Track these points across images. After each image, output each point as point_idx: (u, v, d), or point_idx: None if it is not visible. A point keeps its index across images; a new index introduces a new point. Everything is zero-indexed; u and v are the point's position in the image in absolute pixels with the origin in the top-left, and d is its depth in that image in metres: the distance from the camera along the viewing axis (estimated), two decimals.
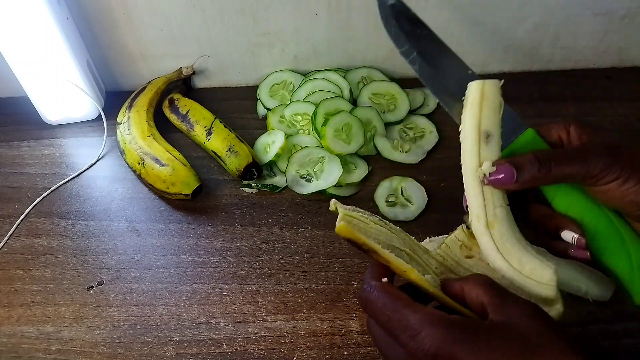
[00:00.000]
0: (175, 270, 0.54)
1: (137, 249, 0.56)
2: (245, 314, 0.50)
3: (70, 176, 0.64)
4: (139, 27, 0.68)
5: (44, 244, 0.58)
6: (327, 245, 0.56)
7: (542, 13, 0.67)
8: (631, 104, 0.68)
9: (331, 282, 0.52)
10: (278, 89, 0.71)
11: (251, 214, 0.59)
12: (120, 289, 0.53)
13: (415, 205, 0.58)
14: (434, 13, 0.66)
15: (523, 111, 0.67)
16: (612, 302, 0.43)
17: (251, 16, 0.67)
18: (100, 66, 0.72)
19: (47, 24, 0.60)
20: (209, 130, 0.64)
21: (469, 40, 0.69)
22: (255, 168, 0.61)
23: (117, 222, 0.59)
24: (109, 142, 0.68)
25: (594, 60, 0.73)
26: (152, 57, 0.72)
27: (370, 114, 0.65)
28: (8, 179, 0.65)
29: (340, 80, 0.69)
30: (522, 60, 0.72)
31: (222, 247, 0.56)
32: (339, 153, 0.61)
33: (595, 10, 0.66)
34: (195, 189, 0.59)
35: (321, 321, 0.50)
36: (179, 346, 0.48)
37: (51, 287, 0.54)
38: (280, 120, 0.67)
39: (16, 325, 0.51)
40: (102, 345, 0.49)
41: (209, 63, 0.73)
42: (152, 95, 0.68)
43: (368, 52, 0.71)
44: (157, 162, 0.60)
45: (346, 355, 0.47)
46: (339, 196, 0.60)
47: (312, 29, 0.68)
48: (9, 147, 0.69)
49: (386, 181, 0.60)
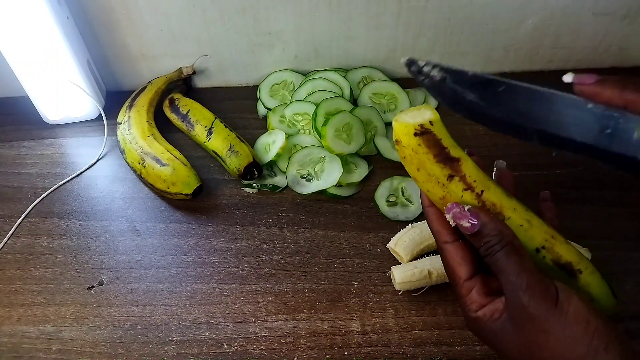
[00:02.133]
0: (175, 270, 0.54)
1: (137, 248, 0.56)
2: (246, 313, 0.51)
3: (71, 176, 0.64)
4: (140, 27, 0.68)
5: (45, 244, 0.58)
6: (327, 245, 0.56)
7: (542, 13, 0.67)
8: None
9: (332, 282, 0.52)
10: (278, 88, 0.71)
11: (252, 214, 0.59)
12: (121, 288, 0.53)
13: (415, 205, 0.58)
14: (434, 13, 0.66)
15: None
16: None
17: (251, 16, 0.67)
18: (101, 66, 0.72)
19: (48, 23, 0.60)
20: (209, 130, 0.64)
21: (469, 40, 0.69)
22: (256, 168, 0.61)
23: (118, 222, 0.59)
24: (109, 142, 0.68)
25: (594, 60, 0.73)
26: (153, 57, 0.72)
27: (370, 114, 0.65)
28: (8, 179, 0.65)
29: (341, 80, 0.69)
30: (522, 60, 0.72)
31: (223, 247, 0.56)
32: (339, 153, 0.61)
33: (595, 10, 0.66)
34: (195, 189, 0.59)
35: (322, 321, 0.50)
36: (179, 346, 0.48)
37: (52, 287, 0.54)
38: (280, 120, 0.67)
39: (17, 325, 0.51)
40: (103, 345, 0.49)
41: (210, 63, 0.73)
42: (153, 95, 0.68)
43: (368, 52, 0.71)
44: (157, 161, 0.60)
45: (347, 355, 0.47)
46: (339, 196, 0.60)
47: (313, 28, 0.68)
48: (10, 147, 0.69)
49: (387, 181, 0.60)
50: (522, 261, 0.33)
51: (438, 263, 0.49)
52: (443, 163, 0.35)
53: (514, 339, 0.33)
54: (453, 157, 0.35)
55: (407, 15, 0.66)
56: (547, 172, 0.61)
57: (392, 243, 0.53)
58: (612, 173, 0.60)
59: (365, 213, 0.58)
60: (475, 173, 0.35)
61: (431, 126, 0.34)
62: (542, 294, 0.32)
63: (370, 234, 0.56)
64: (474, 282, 0.35)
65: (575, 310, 0.31)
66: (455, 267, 0.36)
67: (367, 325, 0.49)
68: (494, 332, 0.34)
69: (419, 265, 0.49)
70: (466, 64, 0.72)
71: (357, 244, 0.55)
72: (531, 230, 0.35)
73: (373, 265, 0.53)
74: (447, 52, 0.70)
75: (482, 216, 0.34)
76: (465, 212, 0.34)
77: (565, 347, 0.31)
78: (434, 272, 0.49)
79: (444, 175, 0.35)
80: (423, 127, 0.34)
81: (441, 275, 0.49)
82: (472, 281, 0.35)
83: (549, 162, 0.62)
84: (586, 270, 0.36)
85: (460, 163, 0.35)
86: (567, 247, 0.36)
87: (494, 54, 0.71)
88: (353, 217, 0.58)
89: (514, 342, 0.33)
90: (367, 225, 0.57)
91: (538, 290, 0.32)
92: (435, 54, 0.71)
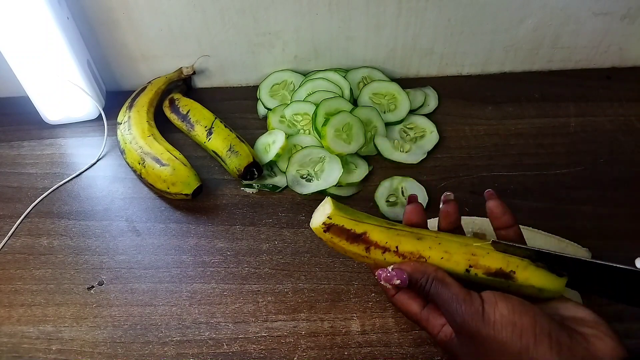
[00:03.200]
0: (175, 270, 0.54)
1: (137, 248, 0.56)
2: (246, 314, 0.50)
3: (71, 176, 0.64)
4: (140, 27, 0.68)
5: (45, 244, 0.58)
6: (327, 245, 0.55)
7: (542, 13, 0.67)
8: (631, 104, 0.68)
9: (332, 282, 0.52)
10: (278, 88, 0.71)
11: (251, 214, 0.59)
12: (121, 288, 0.53)
13: None
14: (434, 13, 0.66)
15: (523, 111, 0.68)
16: (613, 303, 0.43)
17: (252, 16, 0.67)
18: (101, 66, 0.72)
19: (48, 24, 0.60)
20: (209, 130, 0.64)
21: (469, 40, 0.69)
22: (256, 168, 0.61)
23: (118, 222, 0.59)
24: (109, 142, 0.68)
25: (594, 60, 0.73)
26: (153, 57, 0.72)
27: (370, 114, 0.65)
28: (8, 179, 0.65)
29: (341, 80, 0.69)
30: (522, 60, 0.72)
31: (223, 247, 0.56)
32: (339, 153, 0.61)
33: (595, 10, 0.66)
34: (195, 189, 0.59)
35: (322, 321, 0.50)
36: (179, 346, 0.48)
37: (52, 287, 0.54)
38: (280, 120, 0.67)
39: (17, 325, 0.51)
40: (103, 345, 0.49)
41: (210, 63, 0.73)
42: (153, 95, 0.68)
43: (368, 52, 0.71)
44: (157, 162, 0.60)
45: (347, 355, 0.47)
46: (339, 196, 0.60)
47: (313, 28, 0.68)
48: (9, 147, 0.69)
49: (386, 181, 0.60)
50: (449, 287, 0.37)
51: None
52: (355, 242, 0.41)
53: (467, 353, 0.37)
54: (359, 234, 0.41)
55: (407, 15, 0.66)
56: (547, 172, 0.61)
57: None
58: (611, 173, 0.60)
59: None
60: (383, 236, 0.41)
61: (330, 220, 0.41)
62: (469, 310, 0.35)
63: None
64: (427, 311, 0.40)
65: (500, 316, 0.34)
66: (408, 307, 0.41)
67: (367, 325, 0.49)
68: (453, 350, 0.38)
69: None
70: (466, 64, 0.73)
71: None
72: (452, 258, 0.39)
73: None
74: (447, 52, 0.71)
75: (405, 267, 0.39)
76: (392, 273, 0.39)
77: (499, 353, 0.34)
78: None
79: (361, 250, 0.41)
80: (325, 224, 0.41)
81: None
82: (425, 310, 0.40)
83: (549, 162, 0.62)
84: (519, 269, 0.38)
85: (368, 234, 0.41)
86: (490, 257, 0.39)
87: (494, 54, 0.71)
88: None
89: (469, 356, 0.37)
90: None
91: (466, 307, 0.36)
92: (435, 54, 0.71)
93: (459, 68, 0.73)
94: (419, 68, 0.73)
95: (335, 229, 0.41)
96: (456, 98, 0.71)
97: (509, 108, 0.68)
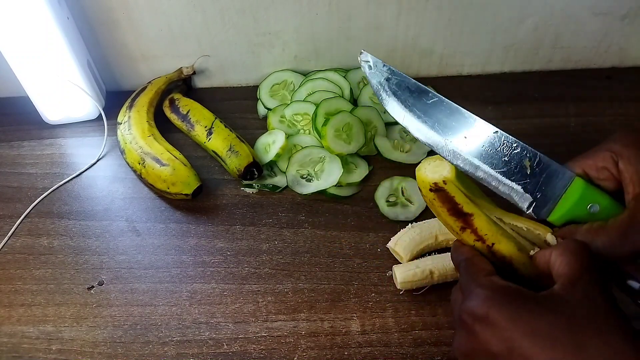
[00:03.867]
0: (175, 270, 0.54)
1: (137, 248, 0.56)
2: (246, 314, 0.51)
3: (71, 176, 0.64)
4: (140, 27, 0.68)
5: (45, 244, 0.58)
6: (327, 245, 0.56)
7: (542, 13, 0.67)
8: (631, 104, 0.68)
9: (332, 282, 0.52)
10: (278, 88, 0.71)
11: (251, 214, 0.59)
12: (121, 288, 0.53)
13: (415, 205, 0.58)
14: (434, 13, 0.66)
15: (523, 111, 0.68)
16: None
17: (252, 16, 0.67)
18: (101, 66, 0.72)
19: (48, 24, 0.60)
20: (209, 130, 0.64)
21: (469, 40, 0.69)
22: (256, 168, 0.61)
23: (118, 222, 0.59)
24: (109, 142, 0.68)
25: (594, 60, 0.73)
26: (153, 57, 0.72)
27: (370, 114, 0.65)
28: (8, 179, 0.65)
29: (341, 80, 0.69)
30: (522, 60, 0.72)
31: (223, 247, 0.56)
32: (339, 153, 0.61)
33: (595, 10, 0.66)
34: (195, 189, 0.59)
35: (322, 321, 0.50)
36: (179, 346, 0.48)
37: (52, 287, 0.54)
38: (280, 120, 0.67)
39: (17, 325, 0.51)
40: (103, 345, 0.49)
41: (210, 63, 0.73)
42: (153, 95, 0.68)
43: (368, 52, 0.71)
44: (157, 162, 0.60)
45: (347, 355, 0.47)
46: (339, 196, 0.60)
47: (313, 28, 0.68)
48: (9, 147, 0.69)
49: (387, 181, 0.60)
50: None
51: (440, 262, 0.49)
52: (455, 217, 0.38)
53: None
54: (466, 212, 0.38)
55: (407, 15, 0.66)
56: None
57: (392, 243, 0.53)
58: None
59: (365, 213, 0.58)
60: (487, 227, 0.38)
61: (444, 185, 0.38)
62: None
63: (370, 234, 0.56)
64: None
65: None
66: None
67: (367, 325, 0.49)
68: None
69: (420, 265, 0.49)
70: (466, 64, 0.73)
71: (357, 244, 0.55)
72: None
73: (373, 265, 0.53)
74: (447, 52, 0.70)
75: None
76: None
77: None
78: (435, 272, 0.49)
79: (457, 227, 0.39)
80: (437, 185, 0.38)
81: (442, 274, 0.49)
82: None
83: None
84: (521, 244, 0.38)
85: (473, 218, 0.38)
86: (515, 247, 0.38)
87: (494, 54, 0.71)
88: (353, 217, 0.58)
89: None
90: (367, 226, 0.57)
91: None
92: (435, 54, 0.71)
93: (459, 68, 0.73)
94: (419, 68, 0.73)
95: (444, 195, 0.38)
96: (456, 98, 0.70)
97: (509, 108, 0.68)
